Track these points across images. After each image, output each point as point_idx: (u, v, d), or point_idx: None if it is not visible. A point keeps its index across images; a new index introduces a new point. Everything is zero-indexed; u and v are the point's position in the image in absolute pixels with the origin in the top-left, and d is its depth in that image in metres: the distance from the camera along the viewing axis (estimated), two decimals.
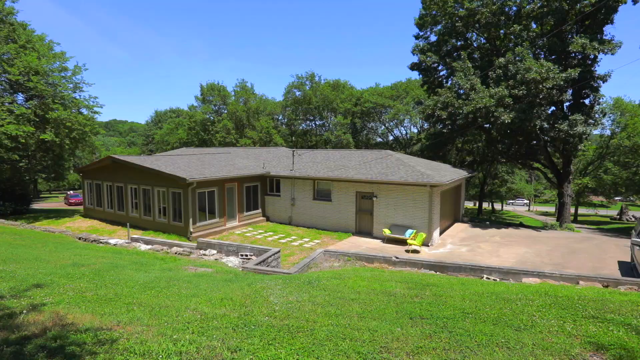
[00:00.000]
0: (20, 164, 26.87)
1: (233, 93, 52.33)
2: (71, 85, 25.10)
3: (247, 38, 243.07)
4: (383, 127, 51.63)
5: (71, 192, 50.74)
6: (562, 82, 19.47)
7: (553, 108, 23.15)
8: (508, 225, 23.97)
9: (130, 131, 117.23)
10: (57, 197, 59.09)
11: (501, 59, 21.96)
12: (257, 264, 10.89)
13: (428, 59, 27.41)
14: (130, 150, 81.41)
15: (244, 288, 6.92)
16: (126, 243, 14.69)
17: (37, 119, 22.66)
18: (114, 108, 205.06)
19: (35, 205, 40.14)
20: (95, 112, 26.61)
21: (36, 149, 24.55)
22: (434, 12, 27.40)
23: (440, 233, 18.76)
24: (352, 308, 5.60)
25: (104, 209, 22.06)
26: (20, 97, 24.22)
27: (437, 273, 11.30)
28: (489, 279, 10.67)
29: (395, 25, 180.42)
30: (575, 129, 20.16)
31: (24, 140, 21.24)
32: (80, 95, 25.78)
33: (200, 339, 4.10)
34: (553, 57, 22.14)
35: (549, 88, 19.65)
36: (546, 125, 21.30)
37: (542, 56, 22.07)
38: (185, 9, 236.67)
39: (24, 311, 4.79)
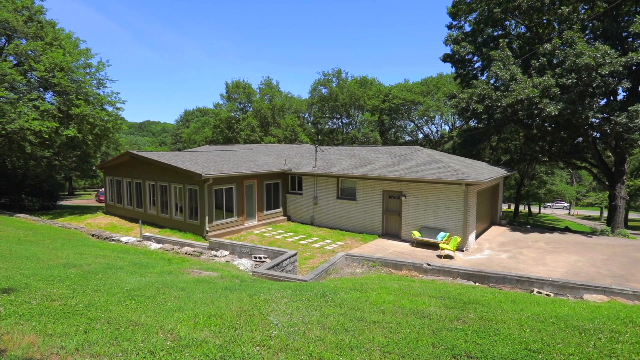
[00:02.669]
0: (55, 163, 27.26)
1: (258, 91, 51.64)
2: (95, 82, 25.06)
3: (275, 38, 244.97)
4: (412, 124, 49.25)
5: (102, 189, 51.90)
6: (620, 68, 17.12)
7: (605, 100, 20.62)
8: (552, 229, 21.66)
9: (163, 131, 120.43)
10: (90, 194, 60.80)
11: (547, 45, 19.73)
12: (269, 269, 9.73)
13: (462, 49, 25.38)
14: (160, 149, 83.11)
15: (242, 300, 5.72)
16: (137, 241, 13.96)
17: (61, 115, 22.65)
18: (147, 109, 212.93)
19: (68, 202, 41.13)
20: (118, 109, 26.49)
21: (61, 145, 24.63)
22: (468, 0, 25.41)
23: (476, 237, 16.95)
24: (374, 336, 4.25)
25: (124, 206, 21.71)
26: (49, 95, 24.41)
27: (477, 284, 9.71)
28: (540, 293, 8.98)
29: (425, 21, 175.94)
30: (636, 121, 17.69)
31: (47, 136, 21.21)
32: (103, 92, 25.75)
33: None
34: (607, 42, 19.67)
35: (604, 75, 17.34)
36: (599, 118, 18.91)
37: (593, 42, 19.64)
38: (215, 11, 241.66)
39: None
